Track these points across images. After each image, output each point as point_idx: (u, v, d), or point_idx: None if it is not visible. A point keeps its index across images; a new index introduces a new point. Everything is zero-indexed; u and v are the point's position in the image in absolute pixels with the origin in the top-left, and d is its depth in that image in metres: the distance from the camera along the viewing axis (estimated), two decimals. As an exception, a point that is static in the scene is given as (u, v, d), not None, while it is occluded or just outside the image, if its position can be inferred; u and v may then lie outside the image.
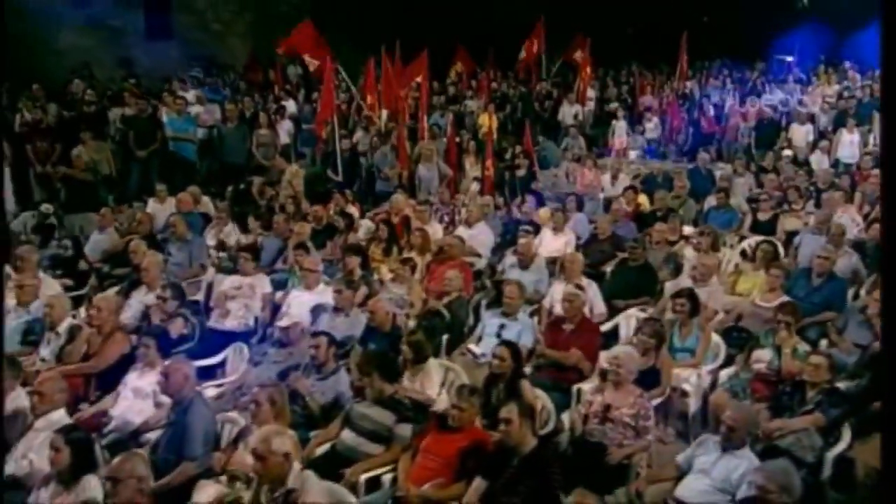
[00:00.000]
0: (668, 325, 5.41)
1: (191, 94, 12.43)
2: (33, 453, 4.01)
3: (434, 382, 5.04)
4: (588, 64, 15.14)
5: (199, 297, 7.22)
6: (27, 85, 11.63)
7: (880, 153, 1.54)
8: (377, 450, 4.34)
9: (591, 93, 15.44)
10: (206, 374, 5.51)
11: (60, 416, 4.19)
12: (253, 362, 5.50)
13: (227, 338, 6.18)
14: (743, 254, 7.87)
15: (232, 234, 8.66)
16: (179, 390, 4.34)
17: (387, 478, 4.24)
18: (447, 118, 12.40)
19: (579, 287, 5.90)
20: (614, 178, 11.10)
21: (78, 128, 10.47)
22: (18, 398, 4.37)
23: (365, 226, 8.91)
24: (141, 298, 6.34)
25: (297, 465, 3.60)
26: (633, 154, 13.49)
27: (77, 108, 11.35)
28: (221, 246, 8.47)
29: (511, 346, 4.81)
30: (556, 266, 7.24)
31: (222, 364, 5.79)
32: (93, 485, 3.67)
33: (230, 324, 6.49)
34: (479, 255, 7.78)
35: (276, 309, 6.66)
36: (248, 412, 4.24)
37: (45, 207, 9.23)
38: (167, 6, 17.46)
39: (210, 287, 7.37)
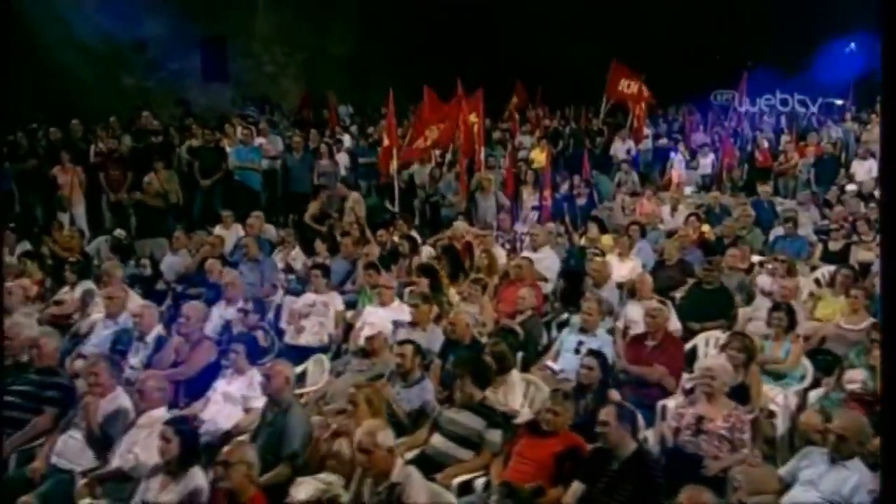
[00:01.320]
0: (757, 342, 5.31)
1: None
2: (138, 447, 4.11)
3: (517, 394, 5.03)
4: (643, 100, 15.19)
5: (269, 316, 7.34)
6: (94, 121, 12.17)
7: (880, 153, 1.53)
8: (467, 455, 4.32)
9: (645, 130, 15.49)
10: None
11: (162, 414, 4.29)
12: (335, 373, 5.55)
13: (303, 352, 6.27)
14: (817, 282, 7.74)
15: (298, 259, 8.83)
16: (279, 392, 4.40)
17: (479, 482, 4.21)
18: (507, 150, 12.56)
19: (662, 302, 5.84)
20: (674, 209, 11.06)
21: (148, 157, 10.89)
22: (119, 397, 4.48)
23: (426, 252, 9.00)
24: (220, 313, 6.48)
25: (400, 461, 3.61)
26: (688, 189, 13.44)
27: (145, 139, 11.79)
28: (289, 269, 8.62)
29: (599, 356, 4.78)
30: (622, 291, 7.22)
31: (301, 377, 5.85)
32: (198, 475, 3.72)
33: (305, 340, 6.58)
34: (545, 279, 7.78)
35: (347, 328, 6.76)
36: (343, 415, 4.27)
37: (118, 232, 9.58)
38: (223, 50, 18.24)
39: (279, 308, 7.49)
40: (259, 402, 4.87)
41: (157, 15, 15.29)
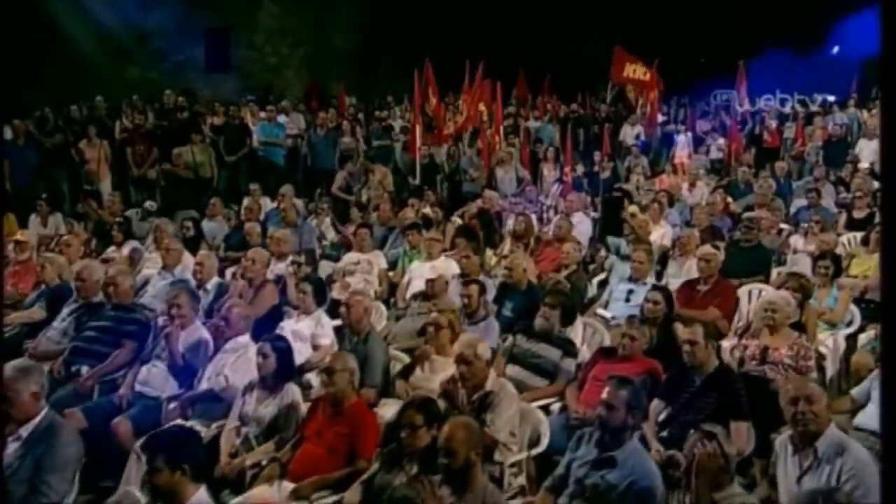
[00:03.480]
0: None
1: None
2: (227, 370, 4.23)
3: (578, 334, 5.17)
4: (656, 87, 15.40)
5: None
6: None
7: (881, 153, 1.64)
8: (542, 383, 4.46)
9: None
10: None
11: (247, 340, 4.40)
12: (393, 318, 5.66)
13: (349, 308, 6.37)
14: (845, 247, 7.92)
15: (331, 228, 8.95)
16: (359, 321, 4.52)
17: (555, 406, 4.34)
18: (521, 128, 12.75)
19: (715, 246, 6.01)
20: (692, 185, 11.25)
21: (173, 134, 10.97)
22: (199, 329, 4.60)
23: (456, 223, 9.13)
24: (271, 268, 6.57)
25: (493, 373, 3.74)
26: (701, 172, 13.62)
27: (170, 115, 11.86)
28: (322, 237, 8.73)
29: (664, 290, 4.93)
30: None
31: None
32: (295, 391, 3.84)
33: (351, 297, 6.68)
34: (579, 243, 7.92)
35: (391, 286, 6.88)
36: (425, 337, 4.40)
37: (149, 204, 9.63)
38: (227, 41, 18.30)
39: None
40: (327, 339, 5.00)
41: (161, 7, 15.38)
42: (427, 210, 9.17)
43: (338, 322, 5.09)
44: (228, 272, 6.92)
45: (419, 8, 18.35)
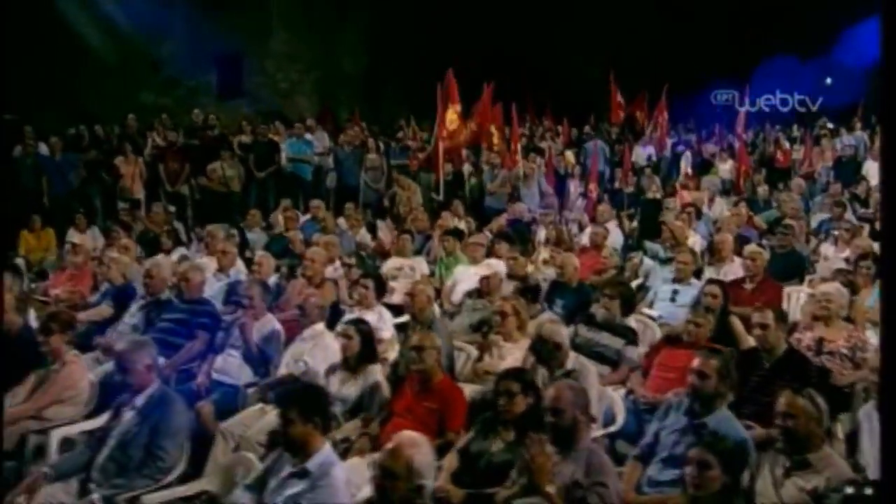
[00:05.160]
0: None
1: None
2: (307, 356, 4.37)
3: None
4: (664, 110, 15.78)
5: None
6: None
7: (881, 153, 1.78)
8: (604, 370, 4.59)
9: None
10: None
11: (322, 328, 4.56)
12: (448, 315, 5.81)
13: (394, 311, 6.51)
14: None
15: (366, 238, 9.12)
16: (423, 310, 4.68)
17: (619, 393, 4.47)
18: (546, 146, 13.03)
19: (761, 245, 6.19)
20: (711, 200, 11.48)
21: (204, 151, 11.22)
22: (272, 321, 4.77)
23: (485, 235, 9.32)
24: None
25: (573, 353, 3.89)
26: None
27: (198, 134, 12.11)
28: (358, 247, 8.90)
29: (720, 283, 5.09)
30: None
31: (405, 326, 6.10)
32: (377, 371, 3.99)
33: (395, 300, 6.83)
34: (615, 249, 8.11)
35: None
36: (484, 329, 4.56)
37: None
38: (238, 67, 18.65)
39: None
40: (388, 333, 5.16)
41: (174, 34, 15.70)
42: (458, 222, 9.38)
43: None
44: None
45: (424, 32, 18.74)
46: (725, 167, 14.80)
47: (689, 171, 14.08)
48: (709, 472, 2.56)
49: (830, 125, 17.84)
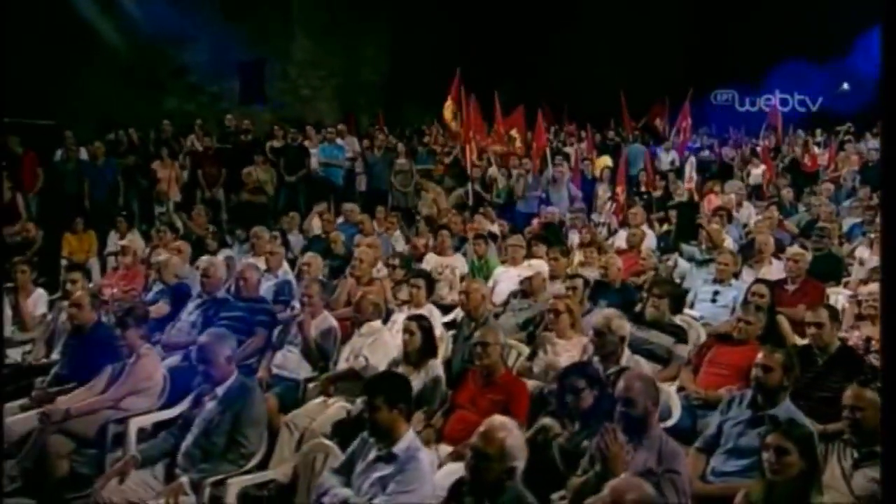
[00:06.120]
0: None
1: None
2: (366, 351, 4.51)
3: (676, 329, 5.40)
4: (687, 116, 15.83)
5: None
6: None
7: (881, 155, 1.84)
8: (655, 368, 4.68)
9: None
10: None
11: (379, 325, 4.70)
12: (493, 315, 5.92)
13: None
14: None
15: (399, 241, 9.26)
16: (477, 308, 4.80)
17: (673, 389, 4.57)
18: (573, 150, 13.14)
19: (804, 247, 6.26)
20: (739, 204, 11.52)
21: (239, 155, 11.45)
22: (328, 318, 4.92)
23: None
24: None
25: (628, 350, 3.99)
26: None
27: (233, 138, 12.34)
28: (393, 250, 9.04)
29: (767, 282, 5.17)
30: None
31: (452, 324, 6.22)
32: (438, 366, 4.11)
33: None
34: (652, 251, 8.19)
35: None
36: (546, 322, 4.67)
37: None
38: (261, 73, 18.89)
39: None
40: (437, 331, 5.25)
41: (197, 41, 15.93)
42: (491, 226, 9.50)
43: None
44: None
45: (445, 39, 18.89)
46: (757, 172, 14.83)
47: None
48: (787, 457, 2.66)
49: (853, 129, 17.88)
